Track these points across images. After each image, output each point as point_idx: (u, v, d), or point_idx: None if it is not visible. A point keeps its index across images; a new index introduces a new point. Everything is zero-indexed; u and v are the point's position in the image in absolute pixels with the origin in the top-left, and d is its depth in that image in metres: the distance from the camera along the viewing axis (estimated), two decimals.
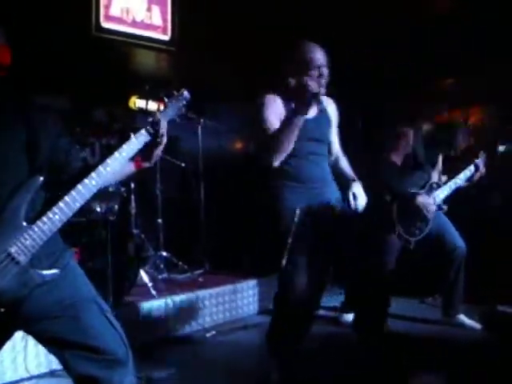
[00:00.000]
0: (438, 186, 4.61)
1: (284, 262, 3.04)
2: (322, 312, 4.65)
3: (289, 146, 2.95)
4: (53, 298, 2.06)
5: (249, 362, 3.73)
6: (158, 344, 4.29)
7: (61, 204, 2.02)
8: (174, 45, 5.89)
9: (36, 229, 1.99)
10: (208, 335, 4.51)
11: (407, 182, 4.55)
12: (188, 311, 4.61)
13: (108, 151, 2.17)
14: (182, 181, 5.78)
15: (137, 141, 2.17)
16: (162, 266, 5.18)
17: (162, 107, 6.03)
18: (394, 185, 4.49)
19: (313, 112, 3.14)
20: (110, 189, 4.35)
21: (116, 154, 2.12)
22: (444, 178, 4.75)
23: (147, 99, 5.80)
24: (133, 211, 5.11)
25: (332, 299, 5.02)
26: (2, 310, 1.94)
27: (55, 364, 3.60)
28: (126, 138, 2.18)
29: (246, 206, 6.12)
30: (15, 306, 1.97)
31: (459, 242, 4.55)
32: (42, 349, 3.53)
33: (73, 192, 2.04)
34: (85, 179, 2.06)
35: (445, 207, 4.56)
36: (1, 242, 1.95)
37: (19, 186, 2.01)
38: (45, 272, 2.01)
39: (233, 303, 5.05)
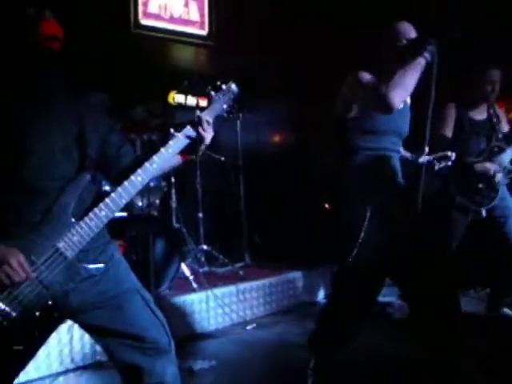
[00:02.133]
0: (500, 148, 4.34)
1: (351, 259, 2.88)
2: None
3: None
4: (98, 289, 2.11)
5: (288, 355, 3.74)
6: (200, 336, 4.35)
7: (107, 200, 2.05)
8: (211, 39, 5.93)
9: (83, 225, 2.03)
10: (248, 328, 4.54)
11: (462, 153, 4.23)
12: (229, 304, 4.64)
13: (150, 147, 2.19)
14: (221, 175, 5.80)
15: (183, 137, 2.17)
16: (202, 259, 5.23)
17: (201, 102, 6.09)
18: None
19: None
20: (152, 184, 4.40)
21: (162, 150, 2.13)
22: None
23: (186, 94, 5.85)
24: (173, 205, 5.16)
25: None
26: (50, 302, 2.00)
27: (100, 355, 3.70)
28: (167, 134, 2.19)
29: (286, 199, 6.13)
30: (62, 299, 2.02)
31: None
32: (87, 341, 3.66)
33: (119, 188, 2.07)
34: (131, 176, 2.08)
35: None
36: (50, 237, 1.99)
37: (68, 182, 2.04)
38: (91, 266, 2.06)
39: (273, 296, 5.06)
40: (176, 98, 5.98)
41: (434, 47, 2.69)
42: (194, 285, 4.56)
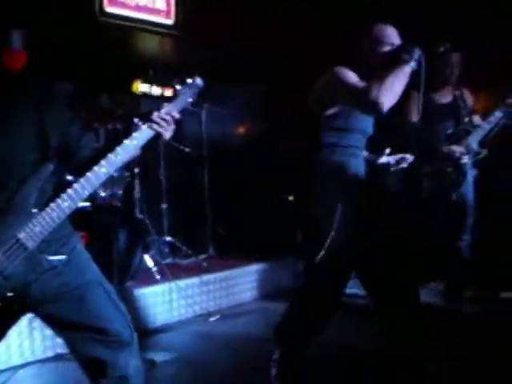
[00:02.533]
0: (467, 131, 4.36)
1: (322, 254, 2.93)
2: None
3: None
4: (59, 281, 2.08)
5: (251, 347, 3.75)
6: (162, 328, 4.34)
7: (70, 191, 2.02)
8: (177, 29, 5.87)
9: (45, 216, 1.99)
10: (211, 320, 4.54)
11: (429, 138, 4.33)
12: (192, 296, 4.63)
13: (114, 137, 2.16)
14: (186, 166, 5.78)
15: (148, 129, 2.14)
16: (166, 250, 5.22)
17: (166, 92, 6.05)
18: (418, 146, 4.14)
19: None
20: (115, 174, 4.35)
21: (127, 141, 2.10)
22: (477, 119, 4.48)
23: (151, 84, 5.79)
24: (137, 196, 5.11)
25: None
26: (10, 294, 1.96)
27: (61, 348, 3.65)
28: (131, 124, 2.16)
29: (250, 190, 6.14)
30: (23, 290, 1.99)
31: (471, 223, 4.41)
32: (47, 333, 3.61)
33: (82, 180, 2.03)
34: (94, 167, 2.05)
35: (483, 151, 4.34)
36: (10, 227, 1.96)
37: (30, 172, 2.02)
38: (52, 257, 2.03)
39: (236, 288, 5.07)
40: (141, 87, 5.91)
41: (420, 55, 2.75)
42: (157, 276, 4.55)
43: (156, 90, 6.00)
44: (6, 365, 3.50)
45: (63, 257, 2.05)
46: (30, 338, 3.60)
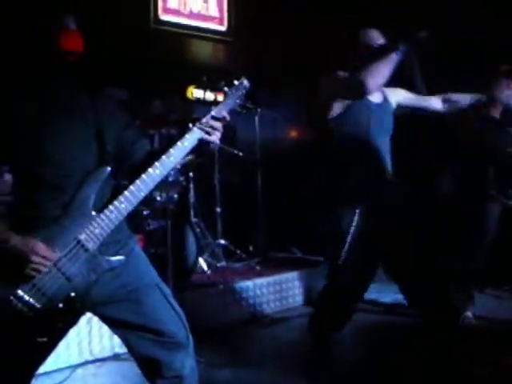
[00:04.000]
0: None
1: (342, 258, 3.12)
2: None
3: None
4: (118, 282, 2.15)
5: (301, 351, 3.73)
6: (217, 330, 4.35)
7: (126, 193, 2.08)
8: (230, 35, 5.94)
9: (104, 217, 2.06)
10: (266, 322, 4.58)
11: (505, 139, 4.07)
12: (245, 299, 4.67)
13: (168, 141, 2.21)
14: (239, 170, 5.82)
15: (198, 131, 2.19)
16: (220, 253, 5.26)
17: (219, 97, 6.13)
18: (493, 143, 4.05)
19: (376, 99, 3.23)
20: (170, 178, 4.43)
21: (179, 143, 2.15)
22: None
23: (205, 89, 5.87)
24: (192, 200, 5.19)
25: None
26: (73, 294, 2.03)
27: (118, 347, 3.75)
28: (186, 129, 2.21)
29: (303, 195, 6.13)
30: (84, 291, 2.06)
31: None
32: (105, 333, 3.70)
33: (137, 181, 2.09)
34: (149, 168, 2.10)
35: None
36: (71, 230, 2.03)
37: (88, 175, 2.08)
38: (112, 258, 2.10)
39: (290, 291, 5.08)
40: (194, 92, 6.01)
41: (404, 47, 2.94)
42: (212, 279, 4.59)
43: (209, 96, 6.09)
44: (65, 363, 3.58)
45: (122, 258, 2.12)
46: (88, 337, 3.69)
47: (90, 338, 3.70)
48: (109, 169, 2.11)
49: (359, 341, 3.97)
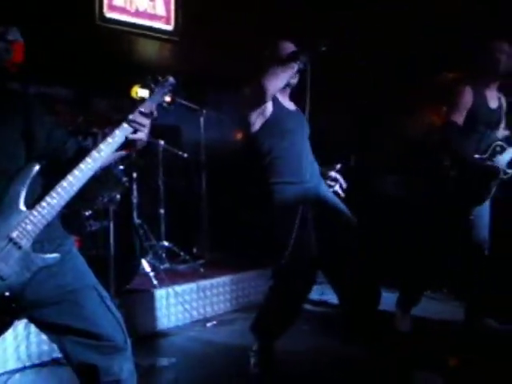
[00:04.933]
0: (503, 148, 4.11)
1: (285, 259, 3.20)
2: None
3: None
4: (54, 283, 2.11)
5: (246, 353, 3.68)
6: (160, 333, 4.35)
7: (58, 189, 2.07)
8: (177, 35, 5.90)
9: (36, 213, 2.03)
10: (208, 325, 4.55)
11: (468, 145, 4.07)
12: (189, 301, 4.64)
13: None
14: (184, 171, 5.78)
15: (126, 126, 2.22)
16: (163, 255, 5.20)
17: (165, 97, 6.07)
18: (457, 148, 4.08)
19: (291, 107, 3.49)
20: (112, 180, 4.37)
21: (109, 139, 2.18)
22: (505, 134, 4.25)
23: (150, 89, 5.79)
24: (135, 201, 5.12)
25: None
26: (7, 293, 1.98)
27: (57, 352, 3.62)
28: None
29: (247, 197, 6.14)
30: (19, 290, 2.01)
31: (486, 237, 4.21)
32: (44, 338, 3.60)
33: (69, 177, 2.08)
34: (80, 164, 2.10)
35: (510, 172, 4.09)
36: (2, 227, 2.00)
37: (17, 173, 2.06)
38: (46, 256, 2.06)
39: (233, 293, 5.08)
40: (139, 92, 5.91)
41: (304, 57, 3.25)
42: (155, 281, 4.55)
43: None
44: (2, 368, 3.50)
45: (57, 255, 2.09)
46: (26, 342, 3.60)
47: (27, 342, 3.61)
48: (37, 165, 2.09)
49: (303, 341, 3.99)
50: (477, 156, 4.08)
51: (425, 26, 5.63)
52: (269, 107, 3.31)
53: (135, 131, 2.22)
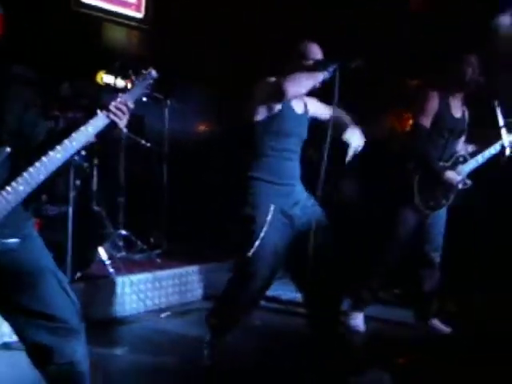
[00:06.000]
0: (465, 159, 4.28)
1: (250, 253, 3.23)
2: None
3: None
4: (13, 265, 2.12)
5: (200, 344, 3.66)
6: (113, 321, 4.35)
7: (25, 175, 2.05)
8: (147, 22, 5.89)
9: (1, 198, 2.02)
10: (163, 315, 4.57)
11: (433, 150, 4.21)
12: (144, 291, 4.64)
13: (72, 125, 2.19)
14: (145, 161, 5.76)
15: (104, 117, 2.21)
16: (120, 244, 5.18)
17: (129, 85, 6.04)
18: (423, 152, 4.19)
19: (300, 110, 3.42)
20: (72, 162, 4.32)
21: (82, 128, 2.16)
22: (470, 149, 4.40)
23: (116, 76, 5.76)
24: (94, 188, 5.08)
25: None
26: None
27: (8, 337, 3.64)
28: (93, 114, 2.21)
29: (208, 189, 6.16)
30: None
31: (440, 244, 4.36)
32: None
33: (37, 164, 2.07)
34: (50, 151, 2.09)
35: (469, 182, 4.27)
36: None
37: None
38: (7, 241, 2.05)
39: (189, 285, 5.09)
40: (104, 78, 5.88)
41: (334, 68, 3.20)
42: (111, 269, 4.53)
43: (120, 82, 5.97)
44: None
45: (17, 240, 2.08)
46: None
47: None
48: (7, 149, 2.07)
49: (255, 338, 4.05)
50: (440, 163, 4.21)
51: (390, 32, 5.73)
52: (278, 105, 3.29)
53: (112, 122, 2.22)
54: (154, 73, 2.39)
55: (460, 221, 4.63)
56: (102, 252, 4.64)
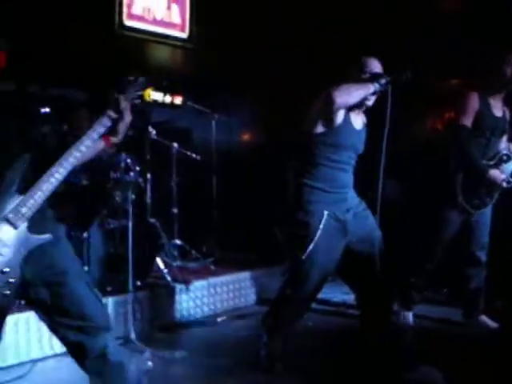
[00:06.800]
0: (509, 158, 4.31)
1: (304, 256, 3.37)
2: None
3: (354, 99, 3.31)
4: (46, 262, 2.38)
5: (255, 347, 3.77)
6: (172, 327, 4.53)
7: (47, 175, 2.35)
8: (191, 42, 6.09)
9: (28, 197, 2.31)
10: (219, 320, 4.74)
11: (476, 149, 4.24)
12: (200, 297, 4.84)
13: (125, 143, 2.48)
14: (195, 173, 5.96)
15: (106, 120, 2.51)
16: (175, 253, 5.39)
17: (176, 100, 6.30)
18: (467, 151, 4.24)
19: (359, 125, 3.52)
20: (128, 179, 4.54)
21: (89, 132, 2.46)
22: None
23: (165, 93, 6.01)
24: (149, 201, 5.31)
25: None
26: (7, 269, 2.25)
27: None
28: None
29: (256, 198, 6.32)
30: (16, 265, 2.28)
31: (486, 242, 4.40)
32: None
33: (57, 162, 2.37)
34: (65, 154, 2.39)
35: None
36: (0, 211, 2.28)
37: (12, 164, 2.35)
38: (40, 236, 2.34)
39: (242, 291, 5.28)
40: (152, 94, 6.10)
41: (386, 82, 3.31)
42: (168, 278, 4.72)
43: (167, 99, 6.24)
44: (26, 357, 3.69)
45: (49, 235, 2.36)
46: (48, 333, 3.76)
47: (50, 333, 3.77)
48: (28, 156, 2.37)
49: (308, 338, 4.15)
50: (484, 162, 4.26)
51: (429, 32, 5.79)
52: (338, 119, 3.36)
53: (114, 125, 2.53)
54: (142, 79, 2.70)
55: (506, 219, 4.69)
56: (159, 262, 4.84)
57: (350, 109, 3.41)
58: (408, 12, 5.88)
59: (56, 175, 2.36)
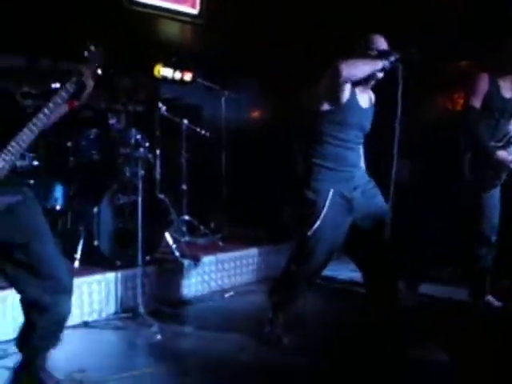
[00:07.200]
0: None
1: (310, 232, 3.41)
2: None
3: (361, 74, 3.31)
4: (17, 222, 2.51)
5: (261, 323, 3.81)
6: (179, 302, 4.59)
7: (16, 140, 2.46)
8: (201, 18, 6.07)
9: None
10: (226, 295, 4.80)
11: (485, 130, 4.25)
12: (208, 273, 4.89)
13: (135, 118, 2.55)
14: (205, 149, 5.98)
15: (69, 87, 2.67)
16: (184, 229, 5.45)
17: (185, 76, 6.29)
18: (476, 132, 4.25)
19: (365, 103, 3.52)
20: (137, 155, 4.57)
21: (53, 97, 2.61)
22: None
23: (174, 69, 6.01)
24: (158, 176, 5.35)
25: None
26: None
27: (87, 316, 3.97)
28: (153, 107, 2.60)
29: (264, 175, 6.35)
30: None
31: (496, 222, 4.37)
32: (75, 303, 3.83)
33: (25, 129, 2.50)
34: (33, 119, 2.53)
35: None
36: None
37: None
38: (10, 197, 2.45)
39: (250, 267, 5.34)
40: (161, 70, 6.12)
41: (395, 59, 3.31)
42: (177, 253, 4.78)
43: (177, 75, 6.23)
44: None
45: (19, 197, 2.49)
46: None
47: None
48: None
49: (314, 314, 4.20)
50: (492, 143, 4.26)
51: (438, 15, 5.76)
52: (344, 97, 3.36)
53: (78, 91, 2.72)
54: (100, 50, 2.90)
55: None
56: (167, 237, 4.88)
57: (357, 86, 3.41)
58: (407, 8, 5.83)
59: (25, 138, 2.48)
